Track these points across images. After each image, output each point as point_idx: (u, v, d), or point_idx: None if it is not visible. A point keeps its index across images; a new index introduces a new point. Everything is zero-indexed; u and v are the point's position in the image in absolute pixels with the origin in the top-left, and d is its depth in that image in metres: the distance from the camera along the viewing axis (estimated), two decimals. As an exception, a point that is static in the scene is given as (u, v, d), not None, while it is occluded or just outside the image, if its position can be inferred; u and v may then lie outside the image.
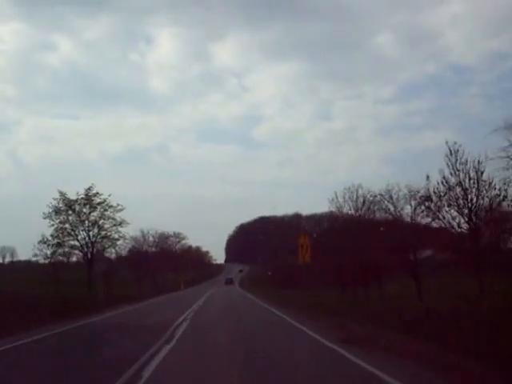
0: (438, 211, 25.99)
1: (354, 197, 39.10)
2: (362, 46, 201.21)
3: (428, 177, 26.17)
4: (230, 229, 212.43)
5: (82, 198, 47.19)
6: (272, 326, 20.07)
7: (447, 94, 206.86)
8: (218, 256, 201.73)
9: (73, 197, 47.21)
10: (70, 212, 46.93)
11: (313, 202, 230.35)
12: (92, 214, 47.50)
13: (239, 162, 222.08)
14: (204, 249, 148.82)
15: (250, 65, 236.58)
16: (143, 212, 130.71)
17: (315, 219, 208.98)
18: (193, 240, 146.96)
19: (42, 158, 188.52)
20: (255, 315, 26.67)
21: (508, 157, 20.86)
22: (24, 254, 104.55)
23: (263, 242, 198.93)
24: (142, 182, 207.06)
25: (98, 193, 47.38)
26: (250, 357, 11.77)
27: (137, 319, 25.11)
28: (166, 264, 79.26)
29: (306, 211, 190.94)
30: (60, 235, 47.13)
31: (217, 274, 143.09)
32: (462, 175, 23.93)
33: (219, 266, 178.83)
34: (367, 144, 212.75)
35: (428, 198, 27.17)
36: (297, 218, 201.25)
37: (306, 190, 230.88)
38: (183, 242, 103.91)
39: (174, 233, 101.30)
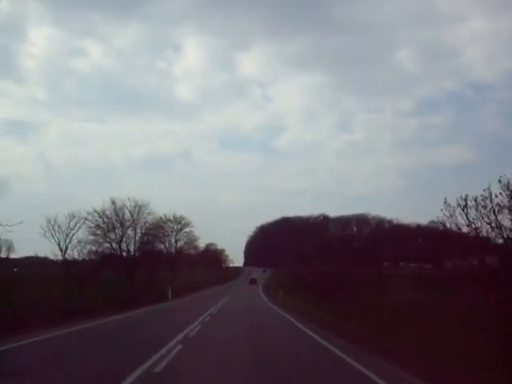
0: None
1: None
2: (384, 59, 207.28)
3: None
4: (250, 233, 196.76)
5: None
6: None
7: (465, 111, 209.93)
8: (237, 259, 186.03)
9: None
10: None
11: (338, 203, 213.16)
12: None
13: (260, 170, 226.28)
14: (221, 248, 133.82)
15: (274, 75, 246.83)
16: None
17: (342, 222, 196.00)
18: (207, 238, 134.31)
19: (70, 160, 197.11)
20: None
21: None
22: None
23: (286, 245, 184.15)
24: (166, 186, 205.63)
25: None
26: None
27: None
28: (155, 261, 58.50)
29: (332, 213, 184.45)
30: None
31: (233, 278, 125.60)
32: None
33: (237, 269, 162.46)
34: (385, 156, 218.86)
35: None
36: (324, 219, 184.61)
37: (323, 200, 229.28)
38: (187, 229, 76.56)
39: (174, 216, 75.38)
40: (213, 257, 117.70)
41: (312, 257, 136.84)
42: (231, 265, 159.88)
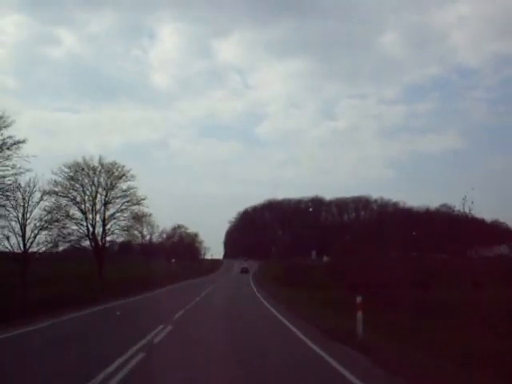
0: None
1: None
2: (368, 45, 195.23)
3: None
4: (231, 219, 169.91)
5: None
6: None
7: (451, 97, 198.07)
8: (216, 251, 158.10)
9: None
10: None
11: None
12: None
13: (242, 158, 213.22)
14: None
15: (254, 62, 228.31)
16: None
17: (339, 205, 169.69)
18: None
19: (42, 151, 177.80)
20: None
21: None
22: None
23: (274, 233, 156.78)
24: (143, 177, 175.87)
25: None
26: None
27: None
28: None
29: (328, 195, 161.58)
30: None
31: (208, 272, 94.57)
32: None
33: (215, 261, 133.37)
34: (370, 144, 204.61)
35: None
36: (318, 202, 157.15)
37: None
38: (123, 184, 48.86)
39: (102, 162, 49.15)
40: (180, 244, 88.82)
41: (308, 246, 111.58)
42: (210, 257, 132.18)
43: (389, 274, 27.18)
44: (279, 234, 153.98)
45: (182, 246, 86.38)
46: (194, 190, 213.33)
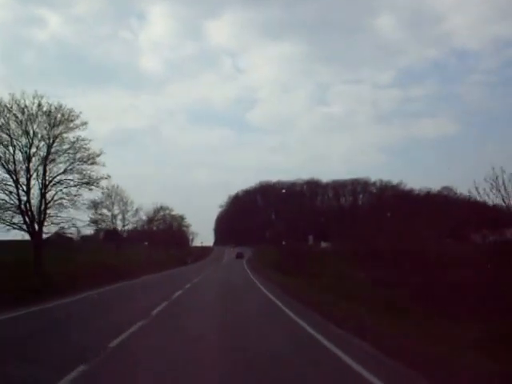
0: None
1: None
2: (362, 27, 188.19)
3: None
4: (222, 204, 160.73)
5: None
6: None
7: (448, 81, 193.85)
8: (207, 239, 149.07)
9: None
10: None
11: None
12: None
13: (233, 145, 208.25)
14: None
15: (246, 45, 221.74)
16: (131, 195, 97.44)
17: (336, 187, 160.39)
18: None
19: None
20: None
21: None
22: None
23: (267, 217, 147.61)
24: (132, 164, 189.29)
25: None
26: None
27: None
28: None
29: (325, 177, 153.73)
30: None
31: (195, 260, 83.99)
32: None
33: (204, 248, 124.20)
34: (364, 130, 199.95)
35: None
36: (314, 184, 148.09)
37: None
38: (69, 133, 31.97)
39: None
40: (167, 230, 79.39)
41: (304, 231, 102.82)
42: (200, 244, 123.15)
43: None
44: (272, 219, 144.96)
45: (166, 230, 76.89)
46: (184, 178, 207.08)
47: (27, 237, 27.95)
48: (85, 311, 16.68)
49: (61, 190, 28.19)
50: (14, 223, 26.69)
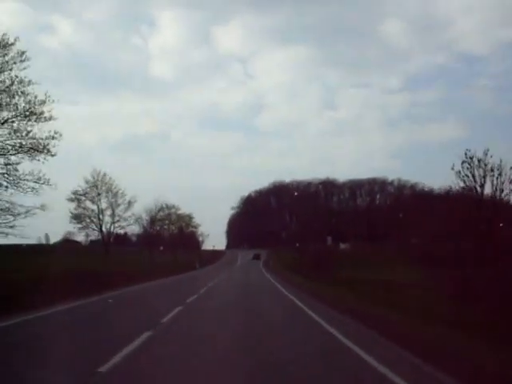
0: None
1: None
2: (371, 32, 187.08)
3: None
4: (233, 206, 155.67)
5: None
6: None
7: (456, 85, 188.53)
8: (218, 242, 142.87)
9: None
10: None
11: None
12: None
13: (243, 149, 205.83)
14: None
15: (255, 50, 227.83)
16: (142, 199, 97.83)
17: (353, 187, 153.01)
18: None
19: None
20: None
21: None
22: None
23: (281, 219, 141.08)
24: (143, 169, 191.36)
25: None
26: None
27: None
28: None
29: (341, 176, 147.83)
30: None
31: (205, 264, 75.46)
32: None
33: (215, 252, 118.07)
34: (372, 134, 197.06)
35: None
36: (329, 184, 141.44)
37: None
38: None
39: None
40: (177, 233, 72.99)
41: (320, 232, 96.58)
42: (212, 248, 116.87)
43: None
44: (287, 221, 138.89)
45: (174, 233, 70.63)
46: (195, 182, 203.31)
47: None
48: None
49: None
50: None
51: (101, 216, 52.82)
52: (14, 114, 20.54)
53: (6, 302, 14.54)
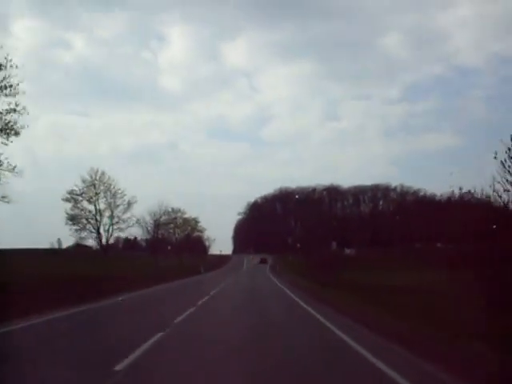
0: None
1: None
2: (371, 46, 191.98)
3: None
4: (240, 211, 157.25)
5: None
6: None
7: (452, 96, 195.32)
8: (225, 248, 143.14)
9: None
10: None
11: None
12: None
13: (249, 159, 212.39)
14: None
15: (260, 65, 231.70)
16: (150, 205, 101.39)
17: (356, 194, 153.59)
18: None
19: (55, 155, 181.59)
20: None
21: None
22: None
23: (286, 225, 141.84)
24: (154, 179, 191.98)
25: None
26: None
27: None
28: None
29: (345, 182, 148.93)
30: None
31: (210, 269, 75.03)
32: None
33: (221, 257, 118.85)
34: (373, 144, 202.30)
35: None
36: (333, 190, 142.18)
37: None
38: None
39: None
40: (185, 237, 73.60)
41: (325, 237, 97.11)
42: (219, 253, 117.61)
43: None
44: (292, 226, 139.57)
45: (181, 238, 71.22)
46: (203, 189, 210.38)
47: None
48: None
49: None
50: None
51: (98, 217, 51.91)
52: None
53: None
